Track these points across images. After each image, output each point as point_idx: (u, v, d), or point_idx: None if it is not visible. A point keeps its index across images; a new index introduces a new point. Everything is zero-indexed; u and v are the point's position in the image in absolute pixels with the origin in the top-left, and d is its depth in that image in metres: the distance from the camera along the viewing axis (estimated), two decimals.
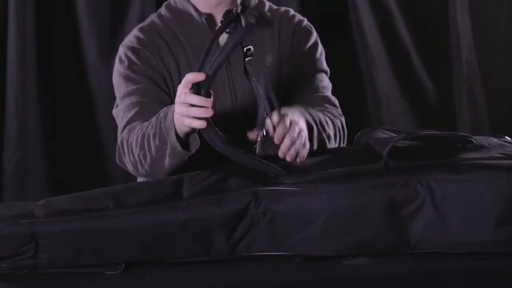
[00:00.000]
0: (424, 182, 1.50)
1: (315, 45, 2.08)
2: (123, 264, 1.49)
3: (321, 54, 2.10)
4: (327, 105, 1.99)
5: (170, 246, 1.50)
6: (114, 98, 3.16)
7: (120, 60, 1.98)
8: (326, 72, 2.10)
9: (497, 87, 3.50)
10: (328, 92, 2.06)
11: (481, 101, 3.45)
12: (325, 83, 2.07)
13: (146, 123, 1.80)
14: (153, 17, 2.04)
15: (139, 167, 1.81)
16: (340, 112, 2.03)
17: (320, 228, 1.49)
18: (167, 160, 1.74)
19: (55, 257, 1.47)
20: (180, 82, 1.80)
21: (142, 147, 1.78)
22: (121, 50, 1.98)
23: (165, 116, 1.72)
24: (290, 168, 1.59)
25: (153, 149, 1.75)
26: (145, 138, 1.77)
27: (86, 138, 3.06)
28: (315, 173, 1.53)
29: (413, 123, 3.43)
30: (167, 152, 1.72)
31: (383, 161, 1.53)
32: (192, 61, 1.94)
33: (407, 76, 3.44)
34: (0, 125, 2.95)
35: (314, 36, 2.09)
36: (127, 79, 1.94)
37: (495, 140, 1.72)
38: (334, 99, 2.06)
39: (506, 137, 1.76)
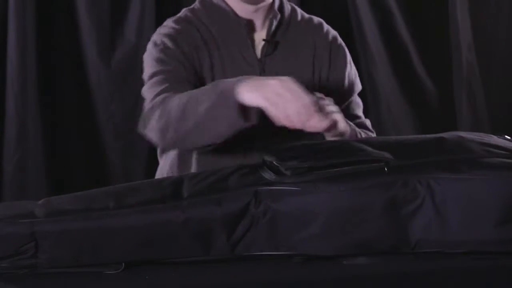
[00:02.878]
0: (424, 182, 1.50)
1: (350, 65, 2.12)
2: (123, 264, 1.49)
3: (355, 74, 2.13)
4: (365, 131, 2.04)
5: (170, 246, 1.50)
6: (113, 98, 3.17)
7: (155, 44, 1.95)
8: (358, 90, 2.14)
9: (497, 87, 3.51)
10: (361, 113, 2.11)
11: (481, 101, 3.46)
12: (359, 104, 2.12)
13: (190, 91, 1.75)
14: (186, 11, 2.01)
15: (170, 132, 1.73)
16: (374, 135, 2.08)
17: (320, 228, 1.49)
18: (216, 125, 1.66)
19: (55, 257, 1.47)
20: (212, 80, 1.83)
21: (184, 111, 1.70)
22: (157, 37, 1.96)
23: (224, 83, 1.67)
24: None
25: (200, 111, 1.67)
26: (191, 102, 1.70)
27: (86, 138, 3.06)
28: (315, 172, 1.53)
29: (413, 123, 3.43)
30: (221, 115, 1.65)
31: (383, 161, 1.53)
32: (227, 63, 1.93)
33: (407, 76, 3.44)
34: (0, 125, 2.95)
35: (348, 54, 2.12)
36: (159, 61, 1.91)
37: (495, 137, 1.72)
38: (368, 123, 2.09)
39: (506, 136, 1.76)
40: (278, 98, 1.59)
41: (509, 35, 3.51)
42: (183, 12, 2.02)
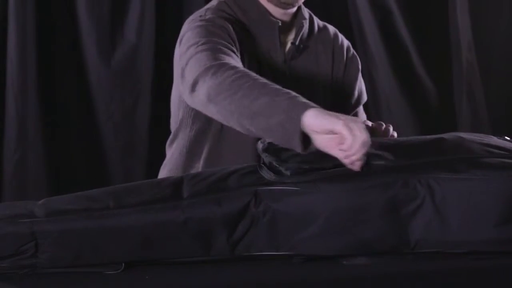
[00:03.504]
0: (424, 182, 1.50)
1: (360, 77, 2.13)
2: (123, 264, 1.49)
3: (363, 85, 2.15)
4: None
5: (170, 246, 1.50)
6: (113, 98, 3.17)
7: (206, 20, 1.88)
8: (364, 101, 2.15)
9: (497, 87, 3.51)
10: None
11: (481, 100, 3.46)
12: (364, 116, 2.13)
13: (257, 77, 1.63)
14: (218, 4, 1.96)
15: (222, 101, 1.63)
16: None
17: (320, 228, 1.49)
18: (263, 119, 1.56)
19: (55, 257, 1.47)
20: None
21: (248, 91, 1.59)
22: (202, 18, 1.90)
23: (302, 102, 1.54)
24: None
25: (260, 101, 1.56)
26: (256, 90, 1.58)
27: (86, 138, 3.06)
28: (315, 172, 1.53)
29: (413, 123, 3.43)
30: (279, 116, 1.53)
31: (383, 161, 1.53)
32: (254, 60, 1.89)
33: (407, 76, 3.44)
34: (0, 125, 2.95)
35: (360, 65, 2.13)
36: (208, 31, 1.84)
37: (495, 138, 1.72)
38: None
39: (506, 137, 1.76)
40: (353, 124, 1.47)
41: (509, 35, 3.51)
42: (216, 3, 1.97)
